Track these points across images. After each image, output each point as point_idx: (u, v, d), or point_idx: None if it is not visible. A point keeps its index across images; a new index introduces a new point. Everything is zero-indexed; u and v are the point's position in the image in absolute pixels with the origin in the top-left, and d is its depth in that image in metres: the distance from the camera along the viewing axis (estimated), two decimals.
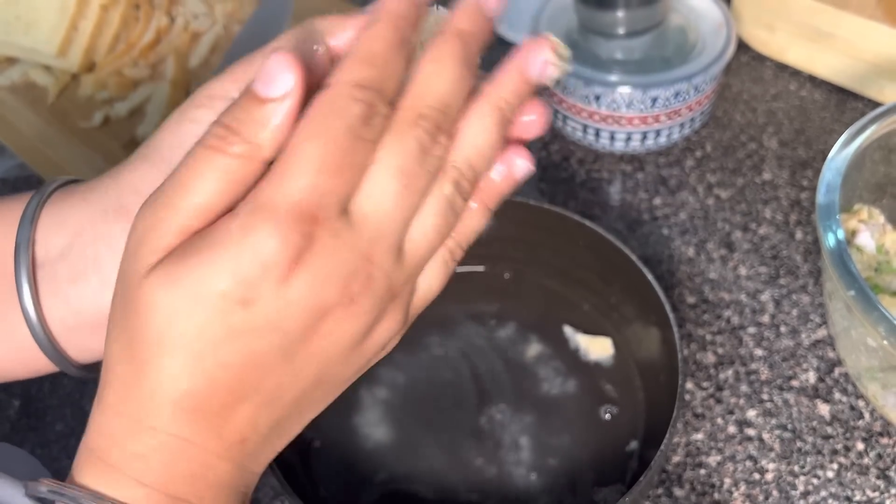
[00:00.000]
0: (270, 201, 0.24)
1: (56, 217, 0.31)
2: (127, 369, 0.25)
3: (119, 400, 0.26)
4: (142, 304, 0.25)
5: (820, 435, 0.49)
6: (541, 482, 0.47)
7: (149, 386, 0.25)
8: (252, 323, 0.25)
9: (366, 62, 0.25)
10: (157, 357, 0.25)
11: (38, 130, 0.70)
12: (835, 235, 0.44)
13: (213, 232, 0.24)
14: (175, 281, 0.24)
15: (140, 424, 0.25)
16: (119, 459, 0.26)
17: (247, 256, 0.24)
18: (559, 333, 0.53)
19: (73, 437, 0.53)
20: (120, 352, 0.26)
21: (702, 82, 0.60)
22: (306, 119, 0.25)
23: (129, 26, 0.74)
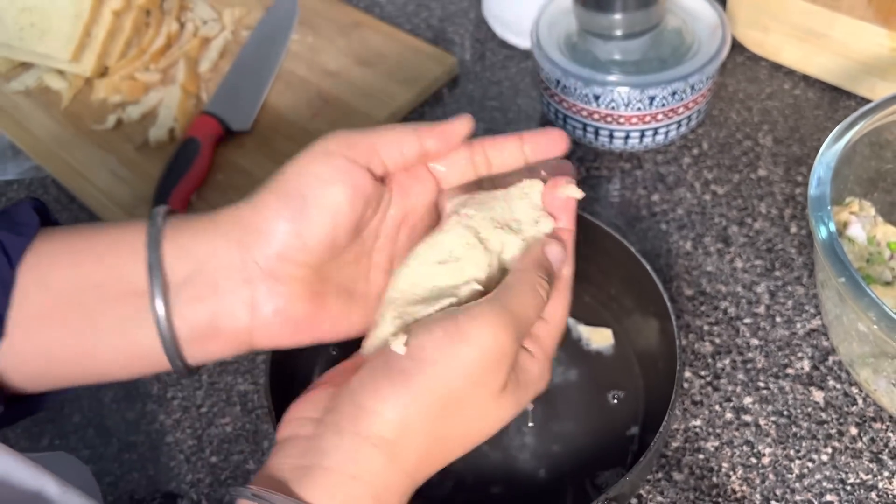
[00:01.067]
0: (552, 356, 0.37)
1: (178, 247, 0.35)
2: (436, 448, 0.33)
3: (416, 469, 0.33)
4: (492, 414, 0.34)
5: (815, 420, 0.51)
6: (544, 467, 0.49)
7: (444, 461, 0.34)
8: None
9: (571, 263, 0.39)
10: (468, 446, 0.35)
11: (52, 133, 0.72)
12: (826, 226, 0.45)
13: (530, 371, 0.35)
14: (518, 404, 0.35)
15: (415, 483, 0.33)
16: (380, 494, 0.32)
17: (541, 388, 0.37)
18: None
19: (91, 428, 0.55)
20: (439, 435, 0.33)
21: (698, 82, 0.62)
22: (563, 296, 0.38)
23: (140, 32, 0.76)
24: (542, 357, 0.36)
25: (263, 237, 0.34)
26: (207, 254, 0.35)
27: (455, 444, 0.34)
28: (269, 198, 0.35)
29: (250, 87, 0.72)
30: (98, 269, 0.35)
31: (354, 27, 0.78)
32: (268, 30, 0.77)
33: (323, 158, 0.35)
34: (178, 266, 0.35)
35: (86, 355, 0.35)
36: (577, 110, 0.64)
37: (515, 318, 0.34)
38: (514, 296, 0.35)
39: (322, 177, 0.35)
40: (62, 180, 0.69)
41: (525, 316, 0.35)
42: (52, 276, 0.35)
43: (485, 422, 0.34)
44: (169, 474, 0.52)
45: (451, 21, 0.81)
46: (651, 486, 0.49)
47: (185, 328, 0.35)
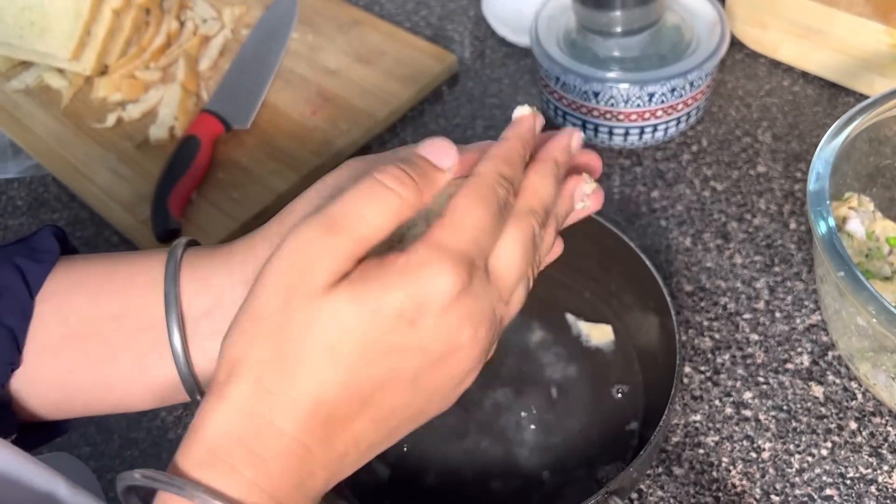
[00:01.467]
0: (444, 245, 0.29)
1: (197, 278, 0.35)
2: (271, 373, 0.28)
3: (253, 402, 0.28)
4: (318, 315, 0.28)
5: (814, 415, 0.51)
6: (544, 462, 0.49)
7: (295, 391, 0.28)
8: (410, 342, 0.29)
9: (505, 163, 0.32)
10: (317, 365, 0.28)
11: (53, 132, 0.72)
12: (825, 221, 0.45)
13: (392, 263, 0.29)
14: (360, 298, 0.28)
15: (271, 427, 0.28)
16: (241, 460, 0.27)
17: (422, 285, 0.28)
18: (562, 321, 0.55)
19: (92, 425, 0.55)
20: (265, 357, 0.28)
21: (697, 78, 0.62)
22: (468, 189, 0.30)
23: (140, 31, 0.76)
24: (419, 248, 0.29)
25: None
26: (225, 287, 0.34)
27: (296, 362, 0.28)
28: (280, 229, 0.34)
29: (250, 86, 0.72)
30: (116, 301, 0.35)
31: (354, 25, 0.78)
32: (267, 28, 0.77)
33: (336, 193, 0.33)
34: (196, 300, 0.34)
35: (103, 386, 0.35)
36: (577, 107, 0.64)
37: (330, 215, 0.29)
38: (340, 197, 0.29)
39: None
40: (62, 178, 0.69)
41: (349, 208, 0.29)
42: (70, 306, 0.35)
43: (318, 328, 0.28)
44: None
45: (450, 19, 0.81)
46: (651, 481, 0.49)
47: (205, 361, 0.35)
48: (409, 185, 0.30)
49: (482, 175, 0.31)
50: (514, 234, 0.32)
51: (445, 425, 0.51)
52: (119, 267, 0.36)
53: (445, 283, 0.28)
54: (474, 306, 0.30)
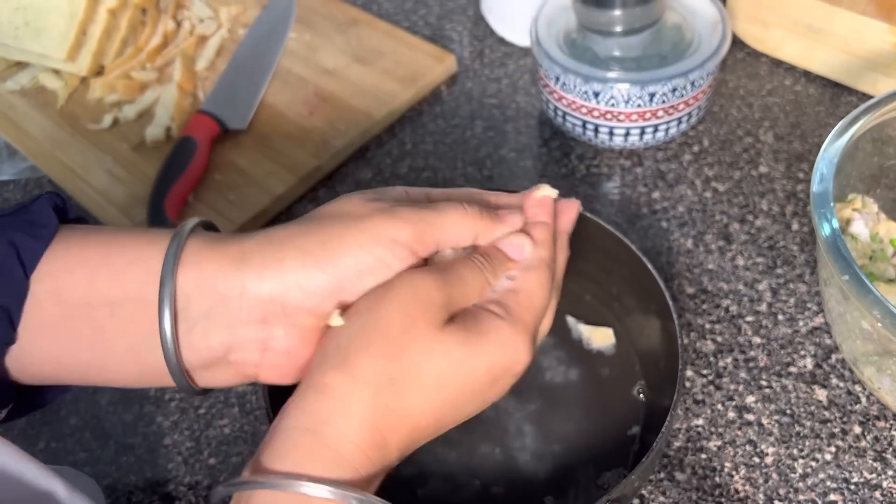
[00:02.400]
0: (525, 324, 0.36)
1: (201, 279, 0.34)
2: (390, 392, 0.32)
3: (372, 412, 0.32)
4: (436, 348, 0.33)
5: (818, 419, 0.50)
6: (545, 467, 0.48)
7: (406, 414, 0.33)
8: (487, 394, 0.35)
9: (550, 248, 0.39)
10: (427, 392, 0.33)
11: (48, 133, 0.71)
12: (829, 223, 0.45)
13: (486, 321, 0.35)
14: (468, 343, 0.34)
15: (382, 439, 0.32)
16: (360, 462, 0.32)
17: (511, 354, 0.35)
18: (562, 324, 0.54)
19: (87, 431, 0.54)
20: (386, 375, 0.32)
21: (698, 78, 0.61)
22: (540, 275, 0.37)
23: (136, 31, 0.75)
24: (511, 320, 0.35)
25: (301, 291, 0.34)
26: (234, 291, 0.34)
27: (412, 386, 0.33)
28: (321, 252, 0.34)
29: (247, 86, 0.71)
30: (112, 287, 0.34)
31: (352, 25, 0.78)
32: (265, 28, 0.77)
33: (389, 245, 0.35)
34: (198, 298, 0.34)
35: (96, 367, 0.35)
36: (577, 107, 0.64)
37: (441, 274, 0.35)
38: (447, 266, 0.36)
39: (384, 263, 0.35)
40: (58, 180, 0.68)
41: (455, 276, 0.35)
42: (66, 287, 0.34)
43: (434, 359, 0.33)
44: (167, 476, 0.51)
45: (449, 18, 0.80)
46: (653, 487, 0.48)
47: (196, 357, 0.35)
48: (490, 271, 0.37)
49: (543, 261, 0.38)
50: (553, 305, 0.39)
51: (445, 432, 0.50)
52: (116, 250, 0.35)
53: (525, 357, 0.35)
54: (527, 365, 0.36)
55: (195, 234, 0.36)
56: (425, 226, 0.36)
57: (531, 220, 0.39)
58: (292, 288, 0.34)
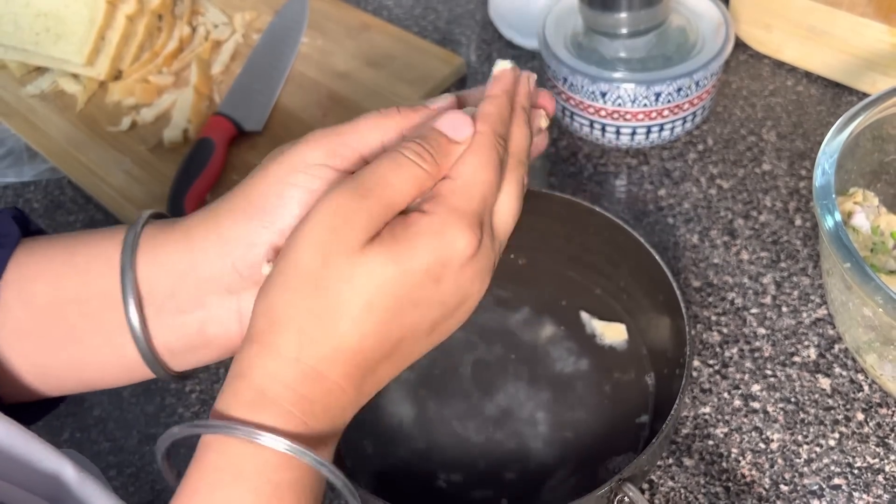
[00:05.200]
0: (461, 209, 0.32)
1: (156, 260, 0.35)
2: (314, 324, 0.30)
3: (299, 349, 0.30)
4: (356, 271, 0.30)
5: (822, 407, 0.52)
6: (556, 454, 0.50)
7: (336, 341, 0.31)
8: (433, 296, 0.32)
9: (500, 121, 0.35)
10: (356, 318, 0.31)
11: (68, 135, 0.73)
12: (832, 214, 0.46)
13: (415, 224, 0.32)
14: (393, 257, 0.31)
15: (315, 372, 0.31)
16: (291, 402, 0.30)
17: (446, 247, 0.32)
18: (575, 318, 0.55)
19: (111, 422, 0.56)
20: (307, 308, 0.30)
21: (702, 78, 0.63)
22: (474, 152, 0.34)
23: (153, 36, 0.77)
24: (440, 210, 0.32)
25: (243, 246, 0.34)
26: (187, 267, 0.35)
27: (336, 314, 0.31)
28: (246, 205, 0.34)
29: (262, 89, 0.73)
30: (78, 284, 0.35)
31: (363, 29, 0.79)
32: (278, 32, 0.78)
33: (304, 168, 0.34)
34: (158, 280, 0.35)
35: (77, 366, 0.36)
36: (584, 107, 0.65)
37: (358, 181, 0.32)
38: (367, 166, 0.32)
39: (305, 188, 0.34)
40: (78, 181, 0.70)
41: (376, 175, 0.32)
42: (33, 290, 0.35)
43: (355, 283, 0.30)
44: (188, 465, 0.53)
45: (457, 23, 0.82)
46: (662, 472, 0.50)
47: (174, 340, 0.35)
48: (429, 160, 0.33)
49: (484, 136, 0.34)
50: (510, 188, 0.35)
51: (461, 419, 0.52)
52: (78, 249, 0.36)
53: (465, 244, 0.32)
54: (484, 260, 0.33)
55: (150, 223, 0.36)
56: (336, 137, 0.34)
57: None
58: (237, 248, 0.34)
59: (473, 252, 0.32)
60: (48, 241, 0.37)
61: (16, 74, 0.77)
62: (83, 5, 0.73)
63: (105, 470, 0.53)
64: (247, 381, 0.30)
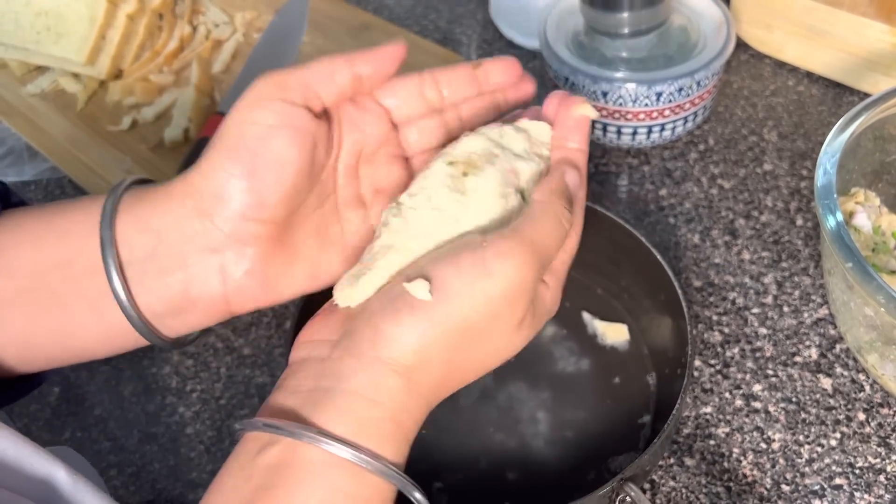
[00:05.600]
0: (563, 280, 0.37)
1: (136, 222, 0.35)
2: (454, 374, 0.34)
3: (430, 390, 0.33)
4: (510, 344, 0.35)
5: (823, 406, 0.52)
6: (558, 453, 0.50)
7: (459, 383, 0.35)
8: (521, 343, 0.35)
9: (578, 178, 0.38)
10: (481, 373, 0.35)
11: (68, 135, 0.73)
12: (833, 214, 0.46)
13: (544, 300, 0.36)
14: (532, 334, 0.35)
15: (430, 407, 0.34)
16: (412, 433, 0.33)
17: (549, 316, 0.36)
18: (577, 318, 0.55)
19: (111, 421, 0.56)
20: (458, 360, 0.33)
21: (704, 78, 0.63)
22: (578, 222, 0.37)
23: (153, 35, 0.77)
24: (555, 285, 0.36)
25: (220, 201, 0.34)
26: (167, 226, 0.34)
27: (469, 371, 0.34)
28: (217, 158, 0.34)
29: None
30: (59, 249, 0.35)
31: (364, 29, 0.79)
32: (279, 32, 0.78)
33: (258, 104, 0.34)
34: (139, 241, 0.34)
35: (62, 334, 0.35)
36: None
37: (539, 253, 0.33)
38: (538, 229, 0.34)
39: (264, 124, 0.33)
40: (78, 180, 0.70)
41: (548, 249, 0.34)
42: (15, 259, 0.35)
43: (501, 351, 0.35)
44: (190, 464, 0.53)
45: (458, 23, 0.82)
46: (664, 472, 0.50)
47: (157, 302, 0.35)
48: (570, 215, 0.36)
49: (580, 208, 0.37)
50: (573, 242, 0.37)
51: (462, 419, 0.51)
52: (60, 215, 0.36)
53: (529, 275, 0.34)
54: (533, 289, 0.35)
55: (132, 188, 0.36)
56: (285, 75, 0.35)
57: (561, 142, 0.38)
58: (214, 202, 0.34)
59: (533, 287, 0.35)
60: (29, 210, 0.37)
61: (16, 73, 0.77)
62: (84, 4, 0.73)
63: (105, 469, 0.53)
64: (386, 412, 0.32)
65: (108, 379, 0.58)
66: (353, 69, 0.36)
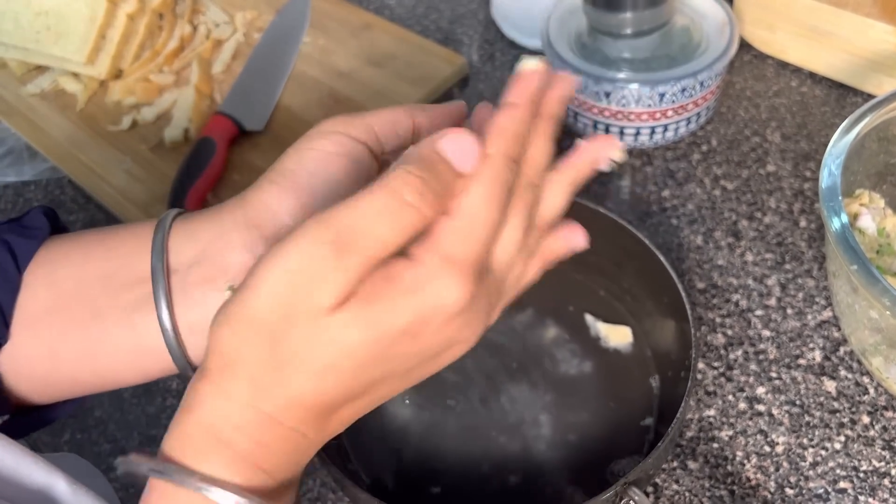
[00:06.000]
0: (454, 257, 0.28)
1: (186, 233, 0.36)
2: (268, 375, 0.28)
3: (251, 396, 0.28)
4: (321, 336, 0.27)
5: (827, 409, 0.51)
6: (560, 457, 0.49)
7: (291, 393, 0.28)
8: (410, 350, 0.29)
9: (515, 141, 0.30)
10: (313, 376, 0.28)
11: (68, 135, 0.72)
12: (838, 216, 0.46)
13: (398, 278, 0.27)
14: (364, 323, 0.27)
15: (271, 420, 0.29)
16: (245, 447, 0.29)
17: (430, 300, 0.28)
18: (580, 320, 0.55)
19: (112, 423, 0.55)
20: (261, 359, 0.28)
21: (707, 78, 0.63)
22: (480, 188, 0.28)
23: (153, 35, 0.77)
24: (426, 258, 0.28)
25: (270, 213, 0.35)
26: (215, 235, 0.35)
27: (296, 370, 0.28)
28: (273, 176, 0.35)
29: (263, 88, 0.73)
30: (106, 262, 0.35)
31: (365, 29, 0.79)
32: (279, 32, 0.78)
33: (322, 136, 0.35)
34: (185, 249, 0.35)
35: (91, 350, 0.35)
36: (588, 108, 0.65)
37: (337, 227, 0.27)
38: (349, 207, 0.27)
39: (325, 151, 0.35)
40: (78, 181, 0.69)
41: (359, 226, 0.27)
42: (60, 272, 0.35)
43: (318, 348, 0.27)
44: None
45: (460, 22, 0.82)
46: (667, 475, 0.49)
47: (198, 316, 0.34)
48: (430, 201, 0.27)
49: (493, 163, 0.29)
50: (516, 221, 0.30)
51: (463, 423, 0.51)
52: (109, 234, 0.37)
53: (455, 298, 0.28)
54: (478, 307, 0.29)
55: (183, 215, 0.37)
56: (354, 116, 0.36)
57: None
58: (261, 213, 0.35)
59: (463, 305, 0.28)
60: (81, 231, 0.38)
61: (16, 73, 0.77)
62: (84, 4, 0.73)
63: (105, 472, 0.53)
64: (196, 418, 0.29)
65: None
66: (413, 120, 0.37)
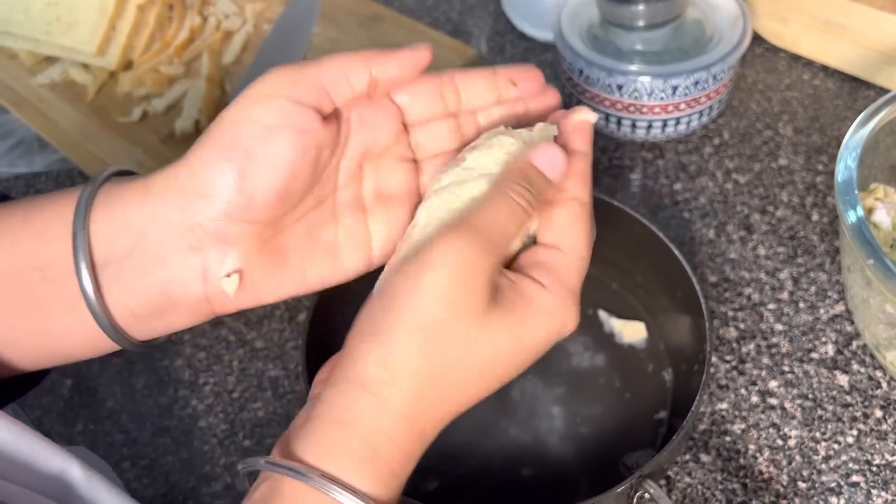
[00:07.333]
0: (573, 287, 0.34)
1: (114, 218, 0.33)
2: (434, 391, 0.31)
3: (412, 409, 0.30)
4: (482, 337, 0.31)
5: (840, 403, 0.51)
6: (573, 449, 0.50)
7: (448, 406, 0.32)
8: (522, 363, 0.33)
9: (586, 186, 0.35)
10: (469, 385, 0.32)
11: (78, 126, 0.72)
12: (854, 210, 0.46)
13: (535, 298, 0.32)
14: (514, 330, 0.32)
15: (422, 433, 0.31)
16: (397, 460, 0.31)
17: (558, 325, 0.33)
18: (593, 316, 0.55)
19: (124, 413, 0.55)
20: (428, 373, 0.30)
21: (720, 71, 0.62)
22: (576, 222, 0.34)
23: (163, 26, 0.77)
24: (556, 288, 0.33)
25: (205, 199, 0.32)
26: (146, 223, 0.32)
27: (454, 378, 0.31)
28: (207, 154, 0.32)
29: None
30: (36, 249, 0.33)
31: (375, 20, 0.79)
32: (289, 23, 0.78)
33: (263, 102, 0.32)
34: (116, 240, 0.33)
35: (44, 337, 0.34)
36: (600, 100, 0.65)
37: (482, 231, 0.31)
38: (482, 209, 0.32)
39: (264, 124, 0.32)
40: (89, 172, 0.69)
41: (496, 226, 0.32)
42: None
43: (479, 349, 0.31)
44: (203, 458, 0.53)
45: (470, 14, 0.82)
46: (679, 468, 0.49)
47: (137, 304, 0.33)
48: (533, 204, 0.33)
49: (584, 205, 0.34)
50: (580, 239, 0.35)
51: (477, 415, 0.51)
52: (35, 212, 0.34)
53: (573, 326, 0.34)
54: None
55: (109, 181, 0.34)
56: (297, 71, 0.32)
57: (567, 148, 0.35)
58: (196, 199, 0.32)
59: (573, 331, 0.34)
60: (6, 207, 0.35)
61: (26, 64, 0.77)
62: None
63: (119, 462, 0.53)
64: (356, 431, 0.30)
65: (121, 371, 0.57)
66: (371, 71, 0.34)
